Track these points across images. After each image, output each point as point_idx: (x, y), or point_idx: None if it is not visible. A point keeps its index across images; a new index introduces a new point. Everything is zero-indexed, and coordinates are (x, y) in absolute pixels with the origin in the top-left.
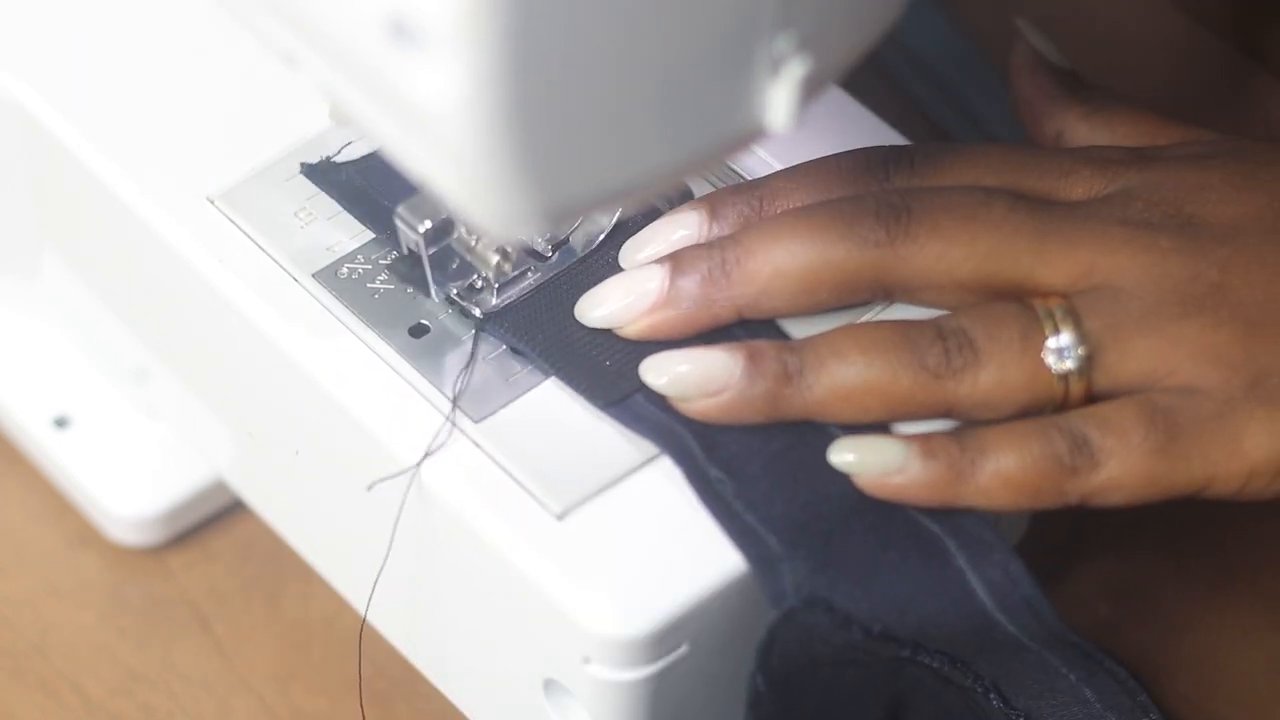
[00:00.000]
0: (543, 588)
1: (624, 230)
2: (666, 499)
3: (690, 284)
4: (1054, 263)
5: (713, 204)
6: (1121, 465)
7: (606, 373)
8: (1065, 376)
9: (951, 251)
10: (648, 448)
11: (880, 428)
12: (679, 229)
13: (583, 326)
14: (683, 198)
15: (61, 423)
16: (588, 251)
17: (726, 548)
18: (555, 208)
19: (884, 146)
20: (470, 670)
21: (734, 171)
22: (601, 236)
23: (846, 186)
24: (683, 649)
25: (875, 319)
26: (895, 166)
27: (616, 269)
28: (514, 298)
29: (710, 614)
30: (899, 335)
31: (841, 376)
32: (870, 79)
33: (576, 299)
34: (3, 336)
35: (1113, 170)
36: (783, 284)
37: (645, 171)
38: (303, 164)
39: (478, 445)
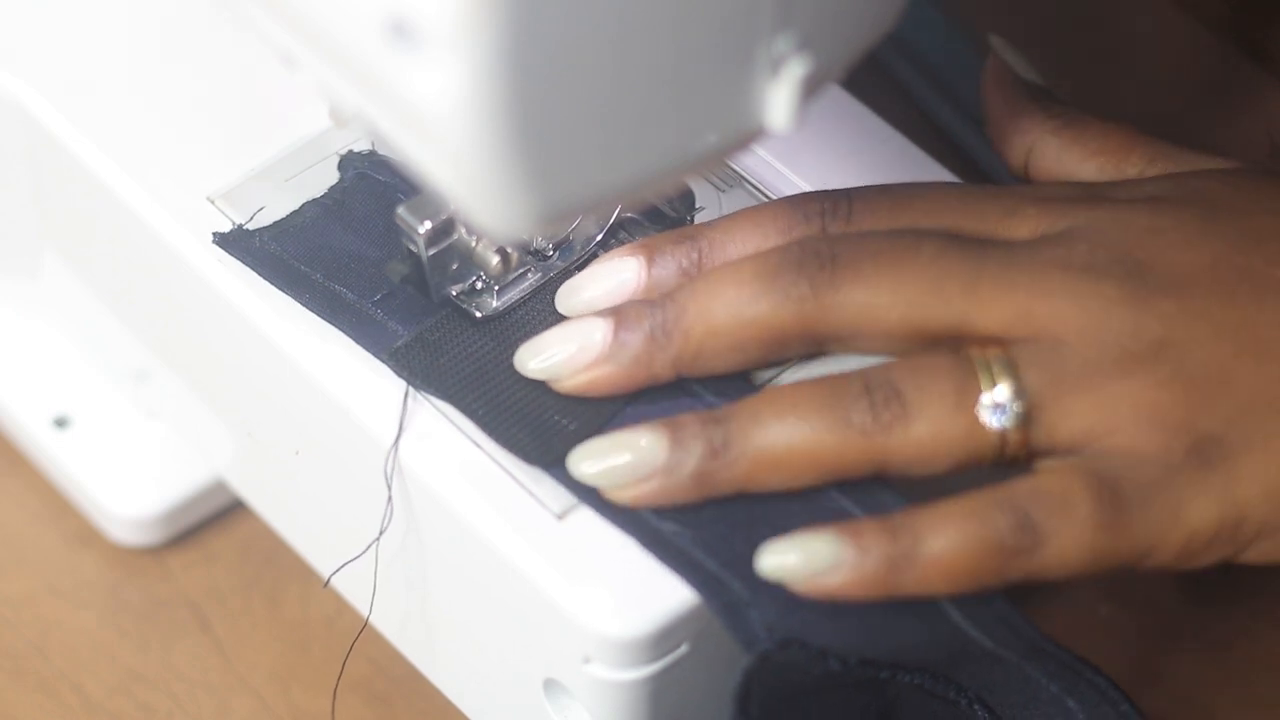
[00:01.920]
0: (543, 588)
1: (622, 230)
2: None
3: (633, 340)
4: (988, 306)
5: (650, 250)
6: (1066, 542)
7: (544, 431)
8: (1003, 433)
9: (877, 299)
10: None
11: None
12: (617, 274)
13: (518, 382)
14: (683, 198)
15: (61, 423)
16: (585, 253)
17: None
18: (555, 208)
19: (821, 192)
20: (470, 670)
21: (735, 172)
22: (601, 235)
23: (782, 234)
24: (683, 649)
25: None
26: (832, 212)
27: None
28: (514, 299)
29: (710, 614)
30: (823, 394)
31: (765, 443)
32: (870, 79)
33: (514, 349)
34: (3, 336)
35: (1059, 209)
36: (715, 343)
37: (645, 172)
38: (215, 234)
39: (478, 445)
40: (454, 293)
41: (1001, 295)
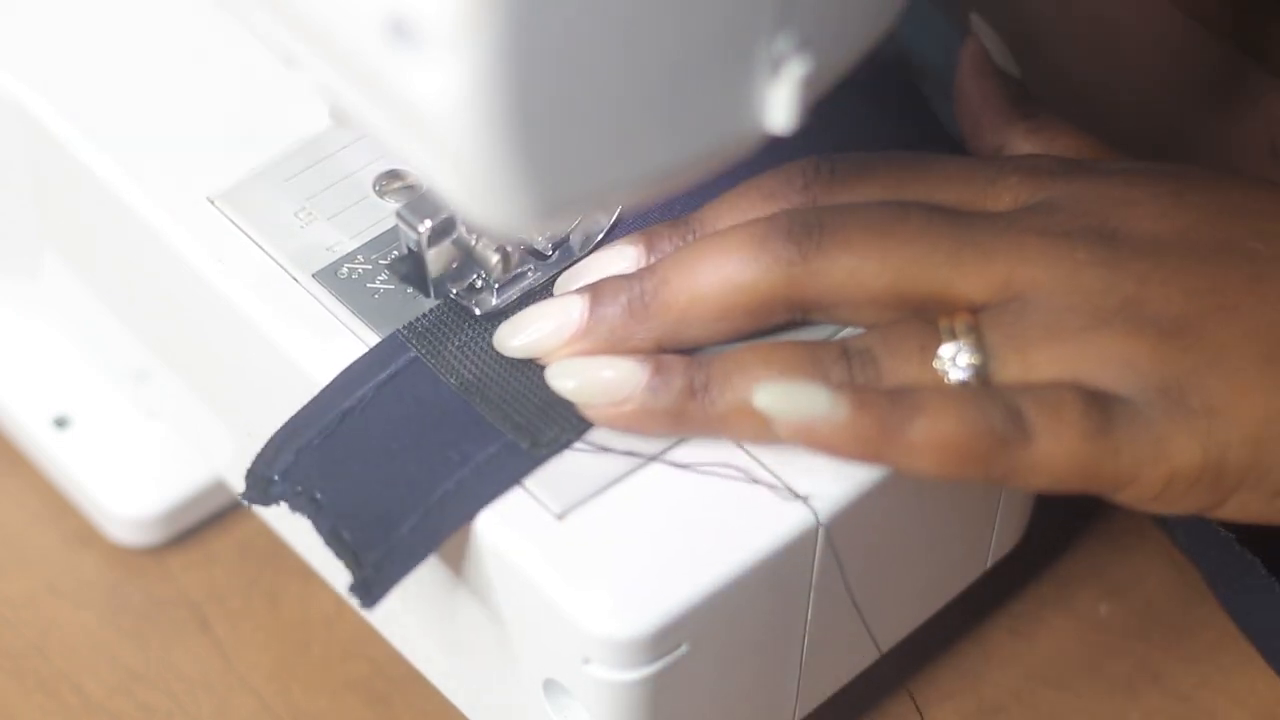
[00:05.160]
0: (542, 588)
1: (623, 229)
2: (666, 499)
3: (610, 314)
4: (970, 275)
5: (649, 237)
6: (1052, 444)
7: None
8: (964, 386)
9: (865, 266)
10: (648, 448)
11: None
12: (615, 261)
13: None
14: None
15: (61, 423)
16: (584, 252)
17: (726, 547)
18: (554, 208)
19: (805, 160)
20: (470, 670)
21: None
22: (601, 235)
23: (769, 206)
24: (683, 649)
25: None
26: (816, 180)
27: None
28: (514, 297)
29: (710, 614)
30: (804, 352)
31: (746, 394)
32: (870, 79)
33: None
34: (3, 336)
35: (1040, 180)
36: (699, 311)
37: (645, 172)
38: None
39: None
40: (453, 292)
41: (983, 264)
